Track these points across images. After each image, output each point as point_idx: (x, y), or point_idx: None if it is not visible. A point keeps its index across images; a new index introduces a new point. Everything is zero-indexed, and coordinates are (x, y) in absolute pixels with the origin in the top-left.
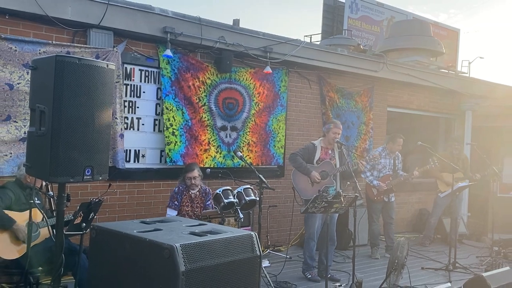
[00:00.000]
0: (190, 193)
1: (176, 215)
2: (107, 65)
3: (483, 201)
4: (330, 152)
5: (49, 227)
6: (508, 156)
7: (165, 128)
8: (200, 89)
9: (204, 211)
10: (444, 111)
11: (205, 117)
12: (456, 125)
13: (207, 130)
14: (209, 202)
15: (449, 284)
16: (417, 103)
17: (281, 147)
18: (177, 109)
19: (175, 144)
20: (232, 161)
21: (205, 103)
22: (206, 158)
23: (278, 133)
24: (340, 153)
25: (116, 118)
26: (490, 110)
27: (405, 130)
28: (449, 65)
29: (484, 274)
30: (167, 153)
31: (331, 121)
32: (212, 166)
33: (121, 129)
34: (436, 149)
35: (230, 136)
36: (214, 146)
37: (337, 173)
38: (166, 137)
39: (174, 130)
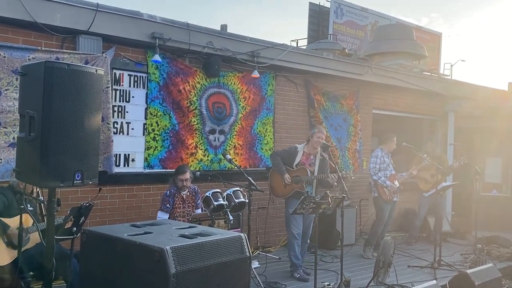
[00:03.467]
0: (182, 194)
1: (168, 218)
2: (96, 71)
3: (467, 200)
4: (312, 157)
5: (39, 232)
6: (490, 156)
7: (147, 133)
8: (191, 93)
9: (194, 213)
10: (428, 113)
11: (194, 121)
12: (439, 126)
13: (195, 133)
14: (199, 201)
15: (434, 282)
16: (402, 105)
17: (270, 149)
18: (164, 114)
19: (154, 149)
20: (219, 164)
21: (196, 107)
22: (192, 161)
23: (265, 136)
24: (322, 161)
25: (107, 123)
26: (472, 111)
27: (390, 132)
28: (431, 68)
29: (468, 271)
30: (145, 158)
31: (315, 126)
32: (198, 169)
33: (113, 134)
34: (420, 150)
35: (218, 140)
36: (201, 149)
37: (313, 180)
38: (147, 141)
39: (156, 135)
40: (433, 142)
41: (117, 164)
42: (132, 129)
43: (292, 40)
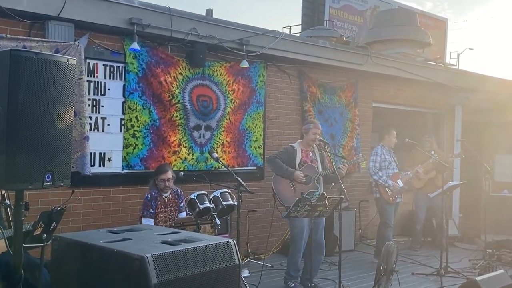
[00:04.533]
0: (164, 197)
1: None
2: (68, 60)
3: (475, 200)
4: (311, 154)
5: (6, 239)
6: (501, 153)
7: (125, 130)
8: (173, 85)
9: (177, 218)
10: (432, 106)
11: (176, 116)
12: (445, 121)
13: (178, 130)
14: (182, 204)
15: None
16: (404, 98)
17: (259, 147)
18: (144, 108)
19: (134, 147)
20: (205, 163)
21: (179, 101)
22: (175, 160)
23: (255, 132)
24: (321, 155)
25: (80, 118)
26: (481, 104)
27: (391, 127)
28: (437, 57)
29: (478, 278)
30: (124, 157)
31: (310, 121)
32: (182, 169)
33: (87, 131)
34: (431, 146)
35: (203, 136)
36: (185, 147)
37: (320, 177)
38: (125, 139)
39: (136, 132)
40: (432, 138)
41: (92, 164)
42: (108, 125)
43: (285, 27)
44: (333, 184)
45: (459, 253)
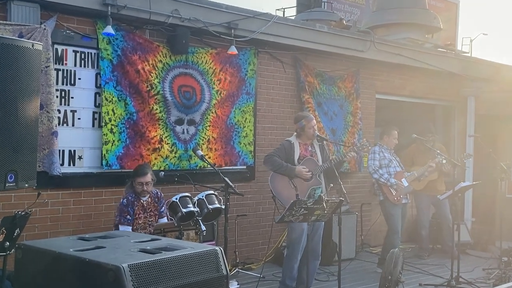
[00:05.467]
0: (142, 201)
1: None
2: (33, 45)
3: (490, 203)
4: (309, 148)
5: None
6: None
7: (103, 124)
8: (152, 74)
9: (157, 223)
10: (442, 98)
11: (156, 109)
12: (457, 114)
13: (159, 124)
14: (163, 208)
15: None
16: (410, 88)
17: (249, 143)
18: (119, 100)
19: (112, 143)
20: (189, 162)
21: (158, 91)
22: (155, 159)
23: (244, 127)
24: (321, 146)
25: (47, 111)
26: (496, 96)
27: (396, 121)
28: (447, 43)
29: None
30: (104, 155)
31: (300, 117)
32: (163, 168)
33: (55, 126)
34: (433, 145)
35: (187, 132)
36: (167, 144)
37: (322, 171)
38: (104, 134)
39: (113, 127)
40: (435, 137)
41: (61, 162)
42: (79, 119)
43: (278, 9)
44: (332, 185)
45: (472, 262)
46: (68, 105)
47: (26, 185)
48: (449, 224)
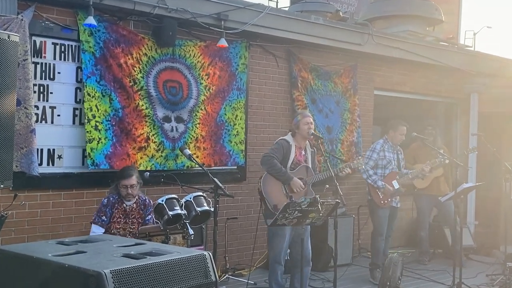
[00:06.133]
0: (124, 205)
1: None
2: (9, 37)
3: (494, 205)
4: (303, 152)
5: None
6: None
7: (86, 121)
8: (135, 68)
9: (143, 227)
10: (444, 95)
11: (142, 105)
12: (459, 112)
13: (146, 121)
14: (150, 216)
15: None
16: (411, 84)
17: (240, 142)
18: (103, 95)
19: (98, 141)
20: (175, 161)
21: (142, 87)
22: (141, 158)
23: (235, 124)
24: (313, 153)
25: (25, 108)
26: (501, 92)
27: (400, 120)
28: (449, 36)
29: None
30: (89, 154)
31: (297, 113)
32: (149, 168)
33: (34, 123)
34: (435, 141)
35: (176, 129)
36: (155, 142)
37: (315, 182)
38: (88, 132)
39: (98, 123)
40: (435, 130)
41: (39, 162)
42: (58, 115)
43: (271, 0)
44: (327, 186)
45: (475, 267)
46: (47, 101)
47: (2, 186)
48: (456, 227)
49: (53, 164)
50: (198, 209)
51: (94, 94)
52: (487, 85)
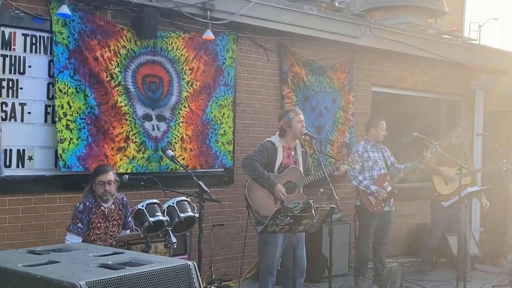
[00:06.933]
0: (103, 208)
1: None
2: None
3: (501, 211)
4: (292, 153)
5: None
6: None
7: (57, 119)
8: (112, 62)
9: (121, 235)
10: (447, 91)
11: (121, 102)
12: (463, 110)
13: (125, 120)
14: (130, 218)
15: None
16: (411, 80)
17: (228, 142)
18: (77, 91)
19: (70, 142)
20: (159, 163)
21: (119, 82)
22: (121, 160)
23: (222, 123)
24: (304, 153)
25: None
26: (508, 89)
27: (396, 118)
28: (453, 29)
29: None
30: (60, 155)
31: (286, 110)
32: (130, 171)
33: (1, 121)
34: (461, 144)
35: (158, 129)
36: (135, 142)
37: (306, 184)
38: (59, 131)
39: (70, 122)
40: (464, 131)
41: (7, 164)
42: (29, 113)
43: None
44: (321, 190)
45: (481, 277)
46: (16, 97)
47: None
48: (465, 235)
49: (23, 166)
50: (182, 215)
51: (67, 90)
52: (493, 81)
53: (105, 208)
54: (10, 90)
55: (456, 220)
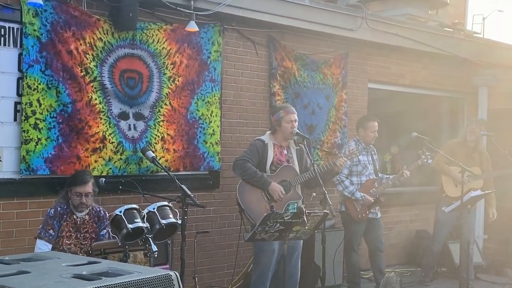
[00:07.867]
0: (75, 217)
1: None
2: None
3: (506, 217)
4: (285, 151)
5: None
6: None
7: (23, 118)
8: (87, 55)
9: (97, 243)
10: (449, 88)
11: (95, 99)
12: (466, 108)
13: (101, 118)
14: (105, 231)
15: None
16: (411, 76)
17: (216, 143)
18: (48, 88)
19: (37, 142)
20: (138, 165)
21: (95, 78)
22: (96, 161)
23: (210, 122)
24: (299, 151)
25: None
26: None
27: (394, 116)
28: (455, 21)
29: None
30: (23, 157)
31: (278, 108)
32: (106, 173)
33: None
34: (439, 142)
35: (135, 128)
36: (112, 143)
37: (301, 182)
38: (24, 131)
39: (38, 121)
40: (480, 127)
41: None
42: None
43: None
44: (314, 194)
45: None
46: None
47: None
48: (469, 244)
49: None
50: (163, 221)
51: (37, 87)
52: (498, 77)
53: (77, 217)
54: None
55: (458, 226)
